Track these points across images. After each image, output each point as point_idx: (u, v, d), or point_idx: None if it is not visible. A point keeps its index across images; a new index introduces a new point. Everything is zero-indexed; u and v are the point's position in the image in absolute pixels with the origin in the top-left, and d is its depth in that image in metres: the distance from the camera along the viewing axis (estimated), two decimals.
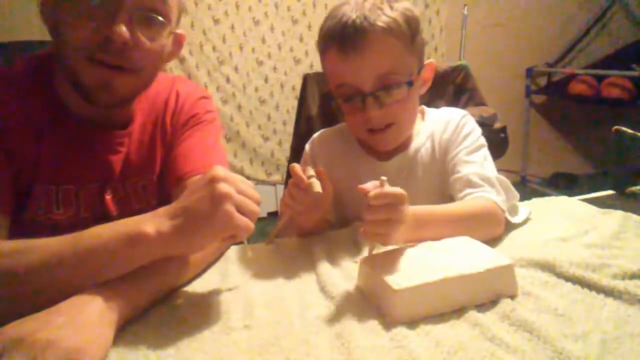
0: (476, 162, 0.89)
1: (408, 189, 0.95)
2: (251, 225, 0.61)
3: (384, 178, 0.65)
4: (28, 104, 0.77)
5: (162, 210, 0.63)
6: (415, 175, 0.94)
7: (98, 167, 0.83)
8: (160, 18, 0.75)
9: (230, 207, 0.59)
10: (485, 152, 0.93)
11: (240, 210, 0.60)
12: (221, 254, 0.81)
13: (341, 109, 0.90)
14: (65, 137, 0.79)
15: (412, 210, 0.71)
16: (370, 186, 0.65)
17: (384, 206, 0.64)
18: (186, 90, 0.92)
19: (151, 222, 0.61)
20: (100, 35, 0.71)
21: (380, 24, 0.82)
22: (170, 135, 0.89)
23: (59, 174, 0.79)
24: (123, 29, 0.70)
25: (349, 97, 0.87)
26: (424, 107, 1.00)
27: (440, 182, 0.92)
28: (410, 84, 0.86)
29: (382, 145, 0.94)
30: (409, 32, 0.85)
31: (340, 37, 0.84)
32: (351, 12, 0.83)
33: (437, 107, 1.03)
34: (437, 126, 0.96)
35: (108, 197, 0.84)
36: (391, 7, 0.85)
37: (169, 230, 0.60)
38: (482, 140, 0.94)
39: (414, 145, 0.95)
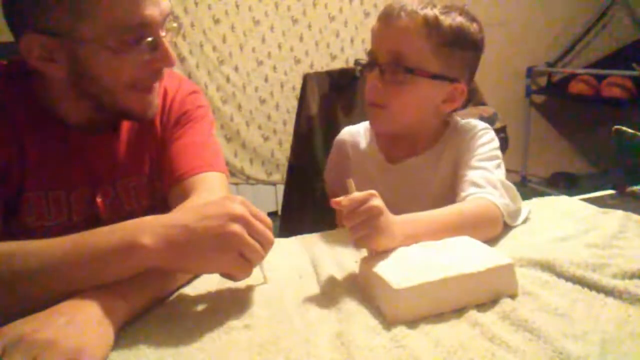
0: (485, 168, 0.88)
1: (416, 194, 0.93)
2: (259, 247, 0.61)
3: (349, 180, 0.68)
4: (6, 112, 0.76)
5: (165, 219, 0.62)
6: (427, 181, 0.95)
7: (88, 171, 0.82)
8: (176, 24, 0.78)
9: (240, 233, 0.60)
10: (498, 162, 0.92)
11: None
12: None
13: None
14: (52, 143, 0.79)
15: (398, 219, 0.70)
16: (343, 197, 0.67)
17: (356, 210, 0.65)
18: (174, 87, 0.91)
19: (149, 232, 0.59)
20: (153, 70, 0.75)
21: (422, 14, 0.86)
22: (161, 134, 0.88)
23: (49, 180, 0.79)
24: (172, 55, 0.74)
25: (367, 65, 0.92)
26: (454, 116, 0.99)
27: (453, 190, 0.91)
28: (411, 71, 0.87)
29: (372, 124, 0.98)
30: (448, 39, 0.87)
31: (385, 10, 0.90)
32: (413, 2, 0.88)
33: None
34: (457, 136, 0.96)
35: (99, 200, 0.83)
36: (451, 16, 0.87)
37: (167, 244, 0.59)
38: (498, 153, 0.94)
39: (428, 151, 0.96)
